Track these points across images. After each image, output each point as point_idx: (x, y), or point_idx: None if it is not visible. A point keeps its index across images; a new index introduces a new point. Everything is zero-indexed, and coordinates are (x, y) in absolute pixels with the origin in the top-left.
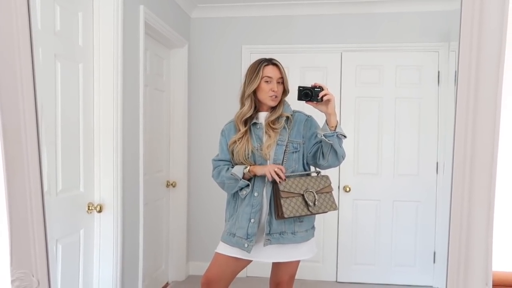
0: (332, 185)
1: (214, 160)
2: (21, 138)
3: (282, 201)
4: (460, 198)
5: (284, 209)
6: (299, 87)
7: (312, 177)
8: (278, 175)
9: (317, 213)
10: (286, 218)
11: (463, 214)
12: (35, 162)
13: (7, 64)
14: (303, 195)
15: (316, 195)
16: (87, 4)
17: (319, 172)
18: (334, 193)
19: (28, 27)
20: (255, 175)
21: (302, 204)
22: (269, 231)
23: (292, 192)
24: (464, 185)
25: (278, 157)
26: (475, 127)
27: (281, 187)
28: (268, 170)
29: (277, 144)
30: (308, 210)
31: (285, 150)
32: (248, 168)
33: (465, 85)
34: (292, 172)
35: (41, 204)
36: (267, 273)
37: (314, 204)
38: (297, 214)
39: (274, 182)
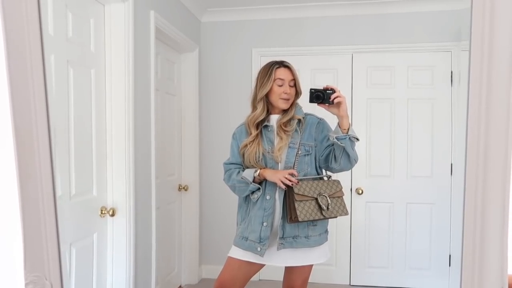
0: (343, 190)
1: (225, 163)
2: (33, 143)
3: (296, 204)
4: (473, 200)
5: (298, 213)
6: (310, 89)
7: (325, 181)
8: (290, 180)
9: (329, 218)
10: (299, 222)
11: (476, 217)
12: (47, 166)
13: (19, 70)
14: (316, 199)
15: (329, 199)
16: (99, 11)
17: (330, 176)
18: (347, 195)
19: (39, 33)
20: (265, 179)
21: (315, 208)
22: (283, 235)
23: (306, 196)
24: (477, 187)
25: (290, 160)
26: (487, 128)
27: (295, 190)
28: (279, 178)
29: (289, 147)
30: (322, 214)
31: (296, 153)
32: (258, 172)
33: (477, 84)
34: (304, 175)
35: (54, 208)
36: (279, 276)
37: (328, 208)
38: (311, 218)
39: (287, 185)
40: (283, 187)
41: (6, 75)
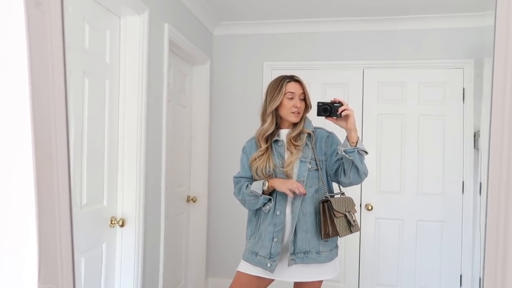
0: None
1: (235, 177)
2: (52, 154)
3: (335, 220)
4: (495, 221)
5: (338, 229)
6: (318, 102)
7: (345, 198)
8: (298, 190)
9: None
10: (339, 237)
11: (499, 241)
12: (65, 178)
13: (41, 81)
14: (345, 215)
15: (353, 215)
16: (115, 23)
17: (343, 192)
18: (356, 211)
19: (62, 46)
20: (274, 190)
21: (346, 224)
22: (294, 251)
23: (340, 212)
24: (500, 208)
25: (302, 174)
26: (511, 145)
27: (334, 206)
28: (287, 188)
29: (300, 161)
30: (350, 230)
31: (308, 168)
32: (267, 185)
33: (500, 100)
34: (316, 190)
35: (69, 219)
36: None
37: (354, 224)
38: (346, 234)
39: (324, 201)
40: (292, 195)
41: (28, 88)
